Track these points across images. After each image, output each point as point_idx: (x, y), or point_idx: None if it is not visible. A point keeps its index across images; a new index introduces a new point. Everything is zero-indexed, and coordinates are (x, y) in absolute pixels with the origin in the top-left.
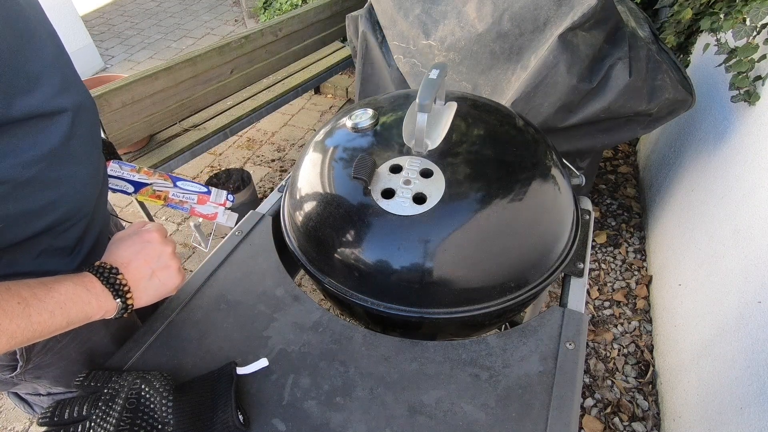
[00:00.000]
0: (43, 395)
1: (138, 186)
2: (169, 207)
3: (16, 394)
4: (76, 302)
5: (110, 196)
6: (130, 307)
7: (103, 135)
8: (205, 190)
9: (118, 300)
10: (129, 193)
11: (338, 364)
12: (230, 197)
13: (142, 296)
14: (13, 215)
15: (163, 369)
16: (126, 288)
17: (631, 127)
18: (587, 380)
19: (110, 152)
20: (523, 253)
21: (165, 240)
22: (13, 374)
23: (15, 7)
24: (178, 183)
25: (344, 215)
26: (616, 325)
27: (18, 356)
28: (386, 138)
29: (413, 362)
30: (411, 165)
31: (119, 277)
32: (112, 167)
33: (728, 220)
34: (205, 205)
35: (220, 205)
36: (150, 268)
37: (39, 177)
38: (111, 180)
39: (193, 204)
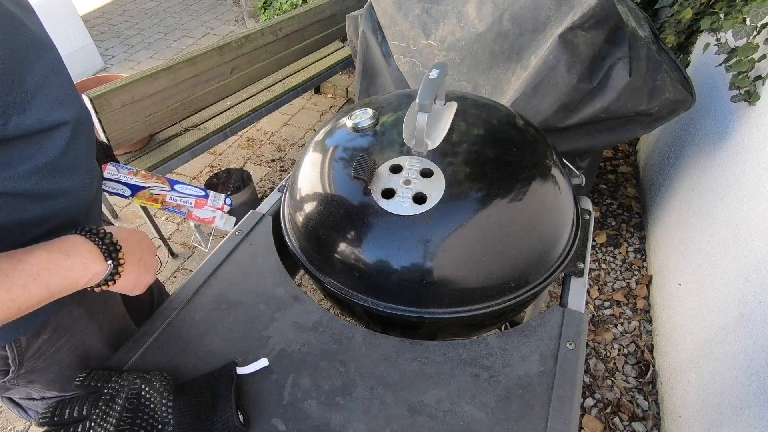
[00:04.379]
0: (36, 399)
1: (135, 189)
2: (167, 210)
3: (10, 399)
4: (54, 270)
5: (110, 196)
6: (118, 274)
7: (102, 136)
8: (203, 193)
9: (110, 262)
10: (126, 197)
11: (338, 364)
12: (228, 201)
13: (127, 275)
14: (7, 226)
15: (163, 369)
16: (121, 251)
17: (631, 127)
18: (587, 380)
19: (107, 154)
20: (523, 253)
21: (151, 242)
22: (5, 379)
23: (13, 24)
24: (176, 186)
25: (344, 215)
26: (616, 325)
27: (10, 361)
28: (386, 138)
29: (413, 362)
30: (411, 165)
31: (114, 237)
32: (109, 170)
33: (728, 220)
34: (202, 209)
35: (218, 209)
36: (141, 251)
37: (35, 189)
38: (108, 183)
39: (190, 208)
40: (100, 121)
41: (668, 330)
